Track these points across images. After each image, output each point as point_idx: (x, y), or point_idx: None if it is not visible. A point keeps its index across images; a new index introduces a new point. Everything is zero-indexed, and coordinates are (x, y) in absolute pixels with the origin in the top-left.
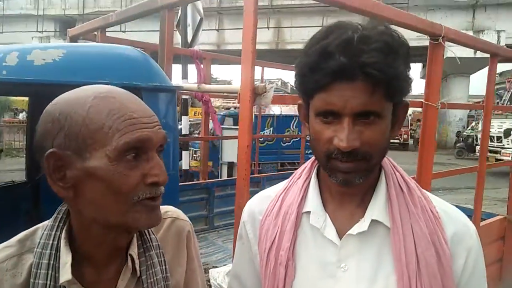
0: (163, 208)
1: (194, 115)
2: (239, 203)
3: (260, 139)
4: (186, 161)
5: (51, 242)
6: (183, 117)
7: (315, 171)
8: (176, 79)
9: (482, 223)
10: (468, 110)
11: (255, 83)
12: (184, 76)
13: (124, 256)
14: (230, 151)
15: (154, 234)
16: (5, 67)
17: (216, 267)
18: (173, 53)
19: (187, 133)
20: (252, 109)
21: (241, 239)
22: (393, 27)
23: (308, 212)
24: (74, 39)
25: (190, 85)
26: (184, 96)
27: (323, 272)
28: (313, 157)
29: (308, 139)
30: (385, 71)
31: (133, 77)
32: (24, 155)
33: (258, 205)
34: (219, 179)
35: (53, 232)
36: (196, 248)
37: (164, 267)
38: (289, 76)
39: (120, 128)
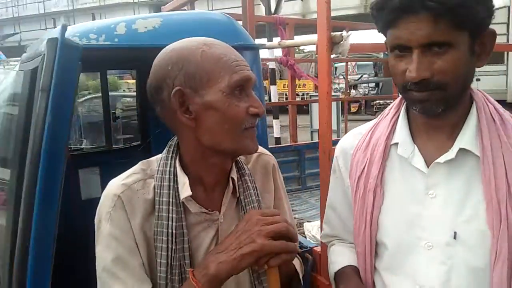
0: None
1: (284, 87)
2: (323, 148)
3: None
4: (277, 129)
5: (168, 168)
6: (271, 86)
7: (404, 106)
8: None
9: None
10: None
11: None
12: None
13: (226, 179)
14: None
15: (245, 164)
16: (116, 36)
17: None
18: (255, 21)
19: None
20: (330, 58)
21: (335, 173)
22: None
23: (396, 144)
24: None
25: (272, 43)
26: (271, 67)
27: (411, 198)
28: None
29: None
30: (445, 1)
31: (220, 36)
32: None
33: (350, 141)
34: (309, 141)
35: (169, 161)
36: (281, 179)
37: (256, 191)
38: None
39: (230, 68)
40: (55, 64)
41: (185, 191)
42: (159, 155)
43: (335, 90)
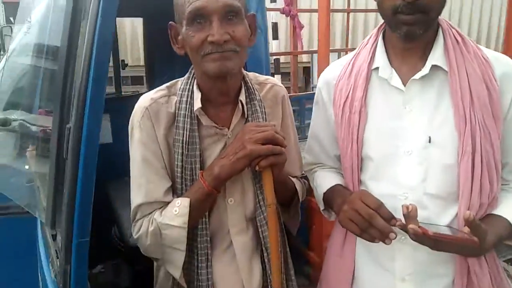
0: (265, 77)
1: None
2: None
3: None
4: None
5: (188, 87)
6: (273, 41)
7: (381, 34)
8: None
9: None
10: None
11: None
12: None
13: (236, 102)
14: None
15: (257, 91)
16: None
17: None
18: None
19: (278, 57)
20: None
21: (317, 104)
22: None
23: (377, 68)
24: None
25: None
26: (273, 21)
27: (390, 114)
28: (379, 24)
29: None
30: None
31: None
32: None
33: (332, 72)
34: (309, 92)
35: (189, 80)
36: (290, 110)
37: (264, 116)
38: None
39: (189, 1)
40: None
41: (197, 103)
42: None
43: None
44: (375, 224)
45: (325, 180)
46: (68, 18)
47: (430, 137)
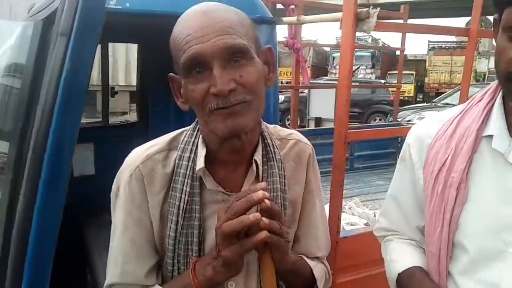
0: (288, 131)
1: (280, 75)
2: (339, 131)
3: None
4: None
5: (192, 140)
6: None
7: (500, 94)
8: None
9: None
10: None
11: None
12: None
13: (250, 162)
14: (318, 105)
15: (278, 149)
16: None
17: None
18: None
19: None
20: (355, 36)
21: (404, 161)
22: None
23: (489, 136)
24: None
25: (290, 18)
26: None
27: (502, 199)
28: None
29: None
30: None
31: (237, 7)
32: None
33: (427, 129)
34: (308, 128)
35: (194, 133)
36: (316, 172)
37: (283, 180)
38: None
39: (181, 49)
40: (78, 7)
41: (200, 163)
42: (188, 127)
43: (332, 81)
44: None
45: (401, 257)
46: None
47: None
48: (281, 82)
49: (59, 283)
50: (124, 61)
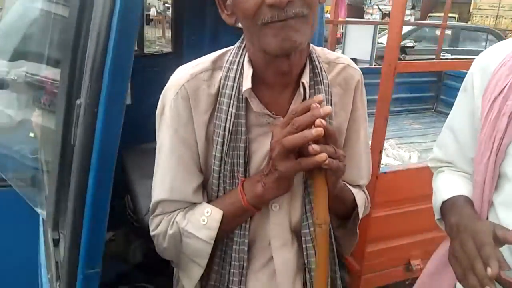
0: (337, 54)
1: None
2: (388, 60)
3: None
4: None
5: (237, 59)
6: None
7: None
8: None
9: None
10: None
11: None
12: None
13: (297, 85)
14: (354, 46)
15: (325, 72)
16: None
17: None
18: None
19: None
20: None
21: (465, 91)
22: None
23: None
24: None
25: None
26: None
27: None
28: None
29: None
30: None
31: None
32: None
33: (492, 56)
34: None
35: (240, 52)
36: (363, 99)
37: (330, 104)
38: None
39: None
40: None
41: (246, 83)
42: (233, 46)
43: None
44: (474, 269)
45: (449, 186)
46: None
47: None
48: None
49: None
50: None
